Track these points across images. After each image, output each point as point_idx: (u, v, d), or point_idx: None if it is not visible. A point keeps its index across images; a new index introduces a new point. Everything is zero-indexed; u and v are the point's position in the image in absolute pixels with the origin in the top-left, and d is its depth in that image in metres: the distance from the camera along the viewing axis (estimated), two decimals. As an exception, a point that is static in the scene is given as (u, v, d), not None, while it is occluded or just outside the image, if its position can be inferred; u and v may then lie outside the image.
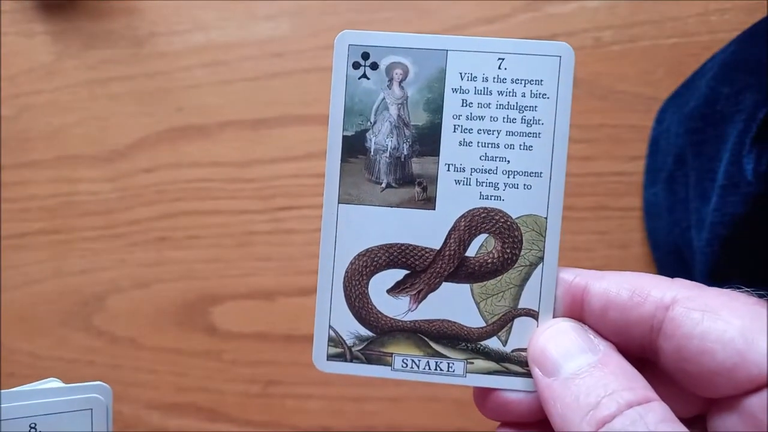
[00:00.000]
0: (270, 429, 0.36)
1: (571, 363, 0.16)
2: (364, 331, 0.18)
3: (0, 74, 0.38)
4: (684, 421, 0.17)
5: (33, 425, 0.17)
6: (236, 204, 0.36)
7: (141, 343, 0.37)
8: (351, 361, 0.18)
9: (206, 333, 0.37)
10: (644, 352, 0.16)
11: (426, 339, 0.18)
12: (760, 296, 0.16)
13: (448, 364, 0.18)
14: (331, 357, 0.18)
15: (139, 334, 0.37)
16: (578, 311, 0.17)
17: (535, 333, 0.17)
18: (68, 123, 0.38)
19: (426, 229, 0.18)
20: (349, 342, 0.18)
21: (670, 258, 0.32)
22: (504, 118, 0.17)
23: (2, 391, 0.17)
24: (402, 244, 0.18)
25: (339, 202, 0.18)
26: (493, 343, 0.18)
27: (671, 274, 0.33)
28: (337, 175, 0.18)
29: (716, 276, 0.28)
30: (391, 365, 0.18)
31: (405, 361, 0.18)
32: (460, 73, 0.17)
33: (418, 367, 0.18)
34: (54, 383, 0.18)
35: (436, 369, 0.18)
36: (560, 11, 0.34)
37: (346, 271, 0.18)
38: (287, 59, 0.36)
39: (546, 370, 0.16)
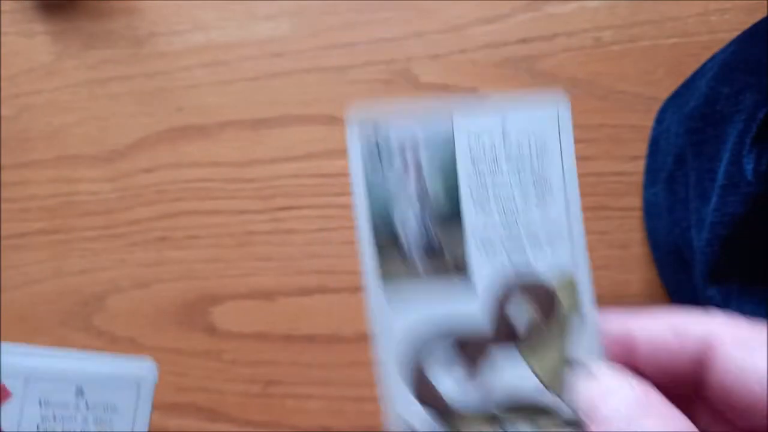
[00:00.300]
0: (270, 429, 0.36)
1: (624, 422, 0.16)
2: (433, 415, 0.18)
3: (0, 74, 0.38)
4: None
5: (80, 388, 0.17)
6: (236, 204, 0.36)
7: (141, 343, 0.37)
8: None
9: (206, 333, 0.37)
10: (689, 387, 0.17)
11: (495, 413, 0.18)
12: None
13: None
14: None
15: (139, 334, 0.37)
16: (628, 358, 0.17)
17: (585, 388, 0.17)
18: (68, 123, 0.38)
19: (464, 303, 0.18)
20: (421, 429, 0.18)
21: (670, 258, 0.32)
22: (516, 181, 0.17)
23: (54, 349, 0.17)
24: (455, 337, 0.18)
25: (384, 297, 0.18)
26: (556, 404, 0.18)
27: (671, 274, 0.33)
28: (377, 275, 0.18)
29: (716, 276, 0.28)
30: None
31: None
32: (469, 145, 0.17)
33: None
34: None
35: None
36: (560, 11, 0.34)
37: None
38: (287, 59, 0.36)
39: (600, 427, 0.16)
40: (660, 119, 0.33)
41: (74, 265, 0.38)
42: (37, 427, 0.17)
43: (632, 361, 0.17)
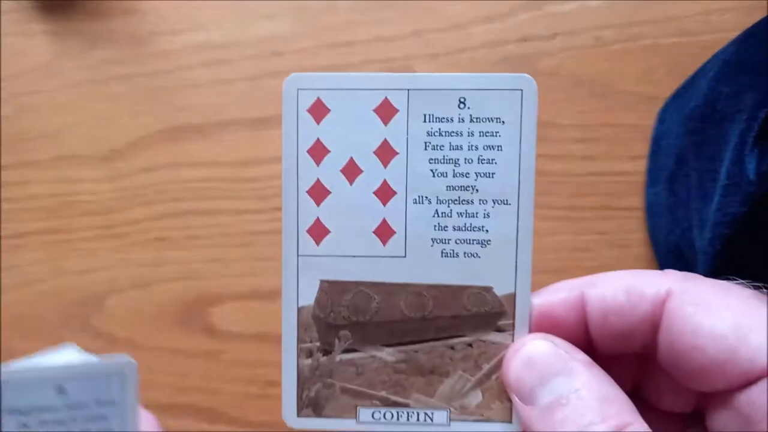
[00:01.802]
0: (269, 429, 0.36)
1: (545, 389, 0.15)
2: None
3: (0, 74, 0.38)
4: (684, 416, 0.17)
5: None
6: (236, 204, 0.36)
7: (140, 344, 0.37)
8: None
9: (205, 333, 0.37)
10: (647, 349, 0.16)
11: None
12: (756, 288, 0.16)
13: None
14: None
15: (138, 334, 0.37)
16: (581, 324, 0.17)
17: (506, 355, 0.17)
18: (68, 123, 0.38)
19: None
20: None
21: (672, 258, 0.31)
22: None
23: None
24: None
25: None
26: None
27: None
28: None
29: (718, 276, 0.28)
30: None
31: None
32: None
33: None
34: (71, 350, 0.18)
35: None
36: (560, 10, 0.34)
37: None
38: (287, 59, 0.36)
39: (523, 398, 0.16)
40: (661, 119, 0.33)
41: (73, 265, 0.38)
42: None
43: (583, 326, 0.16)
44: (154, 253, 0.37)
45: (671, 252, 0.31)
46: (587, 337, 0.17)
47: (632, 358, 0.17)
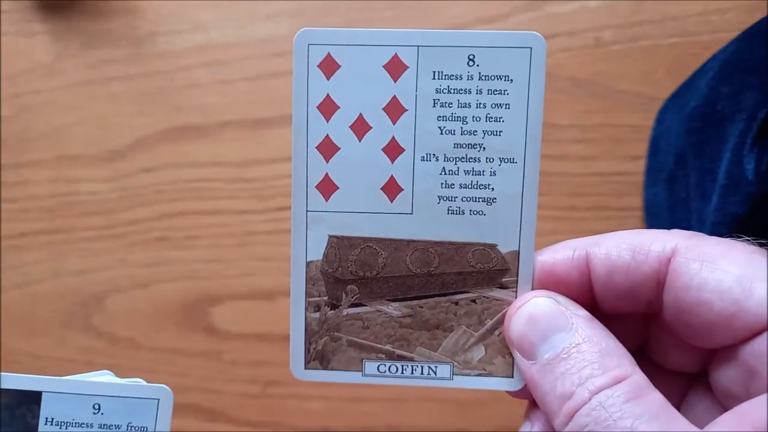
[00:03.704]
0: (269, 429, 0.36)
1: (546, 345, 0.16)
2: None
3: (0, 74, 0.38)
4: (689, 375, 0.17)
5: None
6: (236, 204, 0.36)
7: (140, 344, 0.37)
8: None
9: (206, 333, 0.37)
10: (652, 307, 0.16)
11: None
12: (761, 245, 0.16)
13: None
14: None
15: (139, 334, 0.37)
16: (585, 282, 0.17)
17: (509, 312, 0.17)
18: (68, 123, 0.38)
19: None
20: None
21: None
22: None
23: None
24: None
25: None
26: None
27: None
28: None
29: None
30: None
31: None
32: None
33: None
34: (107, 376, 0.18)
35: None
36: (561, 11, 0.34)
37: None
38: (287, 59, 0.36)
39: (524, 354, 0.16)
40: (660, 119, 0.33)
41: (74, 265, 0.38)
42: None
43: (587, 284, 0.17)
44: (155, 253, 0.37)
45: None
46: (591, 296, 0.17)
47: (637, 317, 0.17)
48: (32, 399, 0.17)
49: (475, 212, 0.17)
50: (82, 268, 0.38)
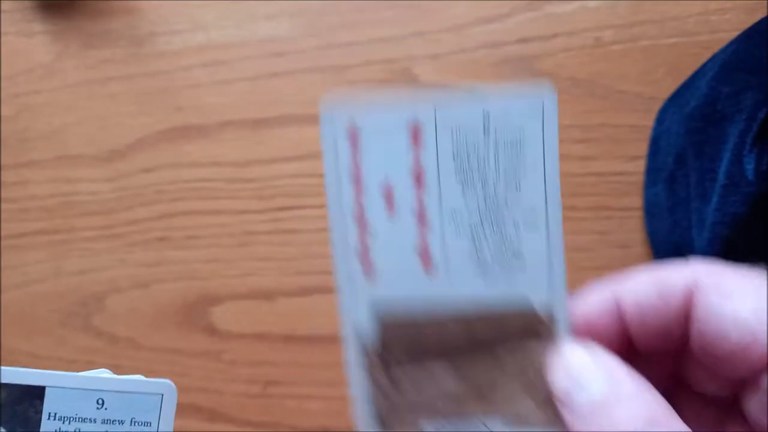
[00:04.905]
0: (269, 429, 0.36)
1: (585, 395, 0.16)
2: None
3: (0, 74, 0.38)
4: (726, 401, 0.17)
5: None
6: (236, 204, 0.36)
7: (140, 344, 0.37)
8: None
9: (206, 333, 0.37)
10: (684, 340, 0.17)
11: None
12: None
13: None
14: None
15: (139, 334, 0.37)
16: (618, 325, 0.17)
17: (549, 363, 0.17)
18: (68, 123, 0.38)
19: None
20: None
21: (671, 258, 0.32)
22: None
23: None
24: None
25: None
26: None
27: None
28: None
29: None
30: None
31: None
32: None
33: None
34: (106, 374, 0.18)
35: None
36: (560, 11, 0.34)
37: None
38: (287, 59, 0.36)
39: (565, 405, 0.16)
40: (660, 119, 0.33)
41: (74, 265, 0.38)
42: None
43: (623, 328, 0.17)
44: (155, 253, 0.37)
45: (671, 252, 0.31)
46: (625, 336, 0.17)
47: (671, 348, 0.18)
48: (35, 394, 0.17)
49: (505, 267, 0.17)
50: (82, 268, 0.38)
